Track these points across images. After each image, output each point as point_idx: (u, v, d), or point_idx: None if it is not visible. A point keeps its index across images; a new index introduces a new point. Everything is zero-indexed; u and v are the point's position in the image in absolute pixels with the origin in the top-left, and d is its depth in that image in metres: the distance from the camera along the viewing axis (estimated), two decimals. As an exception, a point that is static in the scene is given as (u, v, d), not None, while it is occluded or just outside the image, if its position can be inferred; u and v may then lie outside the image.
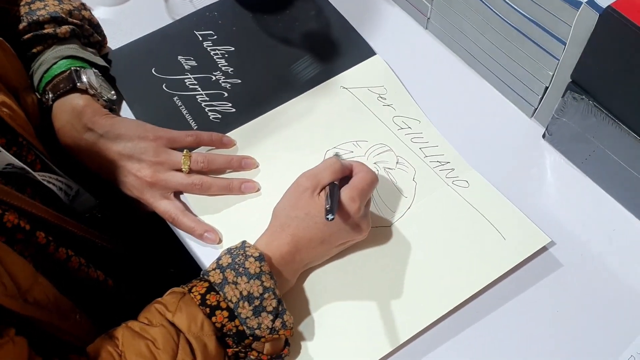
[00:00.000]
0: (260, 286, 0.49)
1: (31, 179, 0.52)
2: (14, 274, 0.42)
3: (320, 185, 0.54)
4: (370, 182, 0.55)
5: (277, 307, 0.50)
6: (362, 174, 0.55)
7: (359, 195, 0.53)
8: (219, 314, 0.49)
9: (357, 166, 0.56)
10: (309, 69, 0.70)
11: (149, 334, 0.47)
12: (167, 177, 0.60)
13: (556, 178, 0.63)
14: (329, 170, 0.54)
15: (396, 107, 0.67)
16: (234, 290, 0.49)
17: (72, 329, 0.48)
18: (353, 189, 0.54)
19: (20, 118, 0.55)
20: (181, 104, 0.67)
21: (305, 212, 0.53)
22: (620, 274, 0.57)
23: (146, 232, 0.69)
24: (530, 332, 0.54)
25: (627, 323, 0.54)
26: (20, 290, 0.42)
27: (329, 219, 0.49)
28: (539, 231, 0.58)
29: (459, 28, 0.68)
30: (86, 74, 0.62)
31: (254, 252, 0.51)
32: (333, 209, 0.50)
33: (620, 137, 0.55)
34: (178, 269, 0.69)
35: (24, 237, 0.47)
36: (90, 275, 0.54)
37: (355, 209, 0.53)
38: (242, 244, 0.52)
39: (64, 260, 0.51)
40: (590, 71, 0.54)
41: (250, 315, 0.49)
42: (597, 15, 0.50)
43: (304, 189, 0.54)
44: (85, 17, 0.67)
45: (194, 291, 0.50)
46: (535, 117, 0.66)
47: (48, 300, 0.45)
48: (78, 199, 0.60)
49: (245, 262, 0.50)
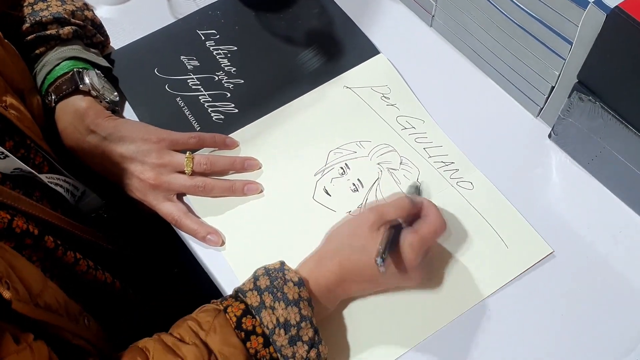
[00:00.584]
0: (298, 314, 0.48)
1: (39, 182, 0.52)
2: (25, 279, 0.42)
3: (383, 220, 0.51)
4: (437, 230, 0.51)
5: (314, 337, 0.48)
6: (429, 219, 0.52)
7: (420, 243, 0.50)
8: (254, 339, 0.47)
9: (427, 207, 0.53)
10: (311, 68, 0.69)
11: (181, 351, 0.46)
12: (170, 179, 0.59)
13: (562, 178, 0.62)
14: (397, 208, 0.52)
15: (400, 107, 0.67)
16: (271, 316, 0.48)
17: (82, 332, 0.48)
18: (415, 234, 0.50)
19: (28, 120, 0.56)
20: (184, 105, 0.67)
21: (361, 244, 0.51)
22: (626, 275, 0.56)
23: (150, 233, 0.69)
24: (536, 334, 0.54)
25: (634, 324, 0.54)
26: (32, 295, 0.42)
27: (377, 263, 0.47)
28: (541, 241, 0.58)
29: (463, 26, 0.67)
30: (89, 75, 0.62)
31: (292, 277, 0.49)
32: (384, 256, 0.48)
33: (627, 138, 0.54)
34: (181, 269, 0.69)
35: (32, 242, 0.47)
36: (98, 278, 0.54)
37: (411, 257, 0.50)
38: (281, 266, 0.51)
39: (72, 264, 0.52)
40: (596, 71, 0.53)
41: (285, 344, 0.47)
42: (604, 15, 0.49)
43: (365, 220, 0.51)
44: (88, 17, 0.67)
45: (230, 312, 0.48)
46: (541, 117, 0.65)
47: (58, 304, 0.46)
48: (84, 200, 0.61)
49: (284, 286, 0.49)
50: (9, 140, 0.52)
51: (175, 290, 0.70)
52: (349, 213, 0.60)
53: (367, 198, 0.61)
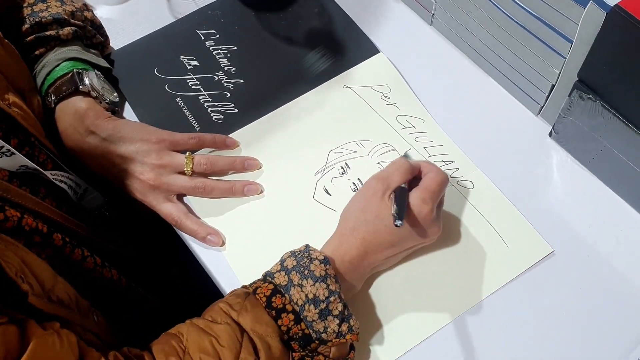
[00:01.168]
0: (326, 289, 0.48)
1: (43, 179, 0.53)
2: (37, 274, 0.43)
3: (390, 187, 0.53)
4: (442, 182, 0.53)
5: (343, 311, 0.49)
6: (432, 174, 0.53)
7: (431, 197, 0.52)
8: (284, 316, 0.48)
9: (425, 166, 0.55)
10: (311, 67, 0.69)
11: (213, 331, 0.47)
12: (170, 180, 0.60)
13: (562, 177, 0.62)
14: (399, 171, 0.53)
15: (400, 106, 0.66)
16: (300, 293, 0.48)
17: (92, 327, 0.49)
18: (424, 190, 0.52)
19: (31, 118, 0.56)
20: (184, 105, 0.67)
21: (375, 215, 0.52)
22: (628, 274, 0.56)
23: (150, 233, 0.69)
24: (537, 333, 0.54)
25: (635, 324, 0.54)
26: (45, 289, 0.43)
27: (397, 225, 0.48)
28: (542, 240, 0.57)
29: (464, 25, 0.67)
30: (88, 76, 0.62)
31: (318, 255, 0.50)
32: (401, 214, 0.49)
33: (628, 137, 0.54)
34: (181, 269, 0.69)
35: (41, 239, 0.48)
36: (104, 275, 0.55)
37: (426, 211, 0.51)
38: (306, 247, 0.52)
39: (80, 261, 0.52)
40: (597, 70, 0.53)
41: (316, 319, 0.48)
42: (604, 13, 0.49)
43: (373, 191, 0.53)
44: (88, 18, 0.67)
45: (259, 292, 0.49)
46: (541, 115, 0.65)
47: (69, 299, 0.46)
48: (86, 197, 0.61)
49: (310, 264, 0.49)
50: (14, 138, 0.52)
51: (175, 290, 0.70)
52: None
53: (367, 198, 0.61)
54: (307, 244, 0.52)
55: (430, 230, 0.53)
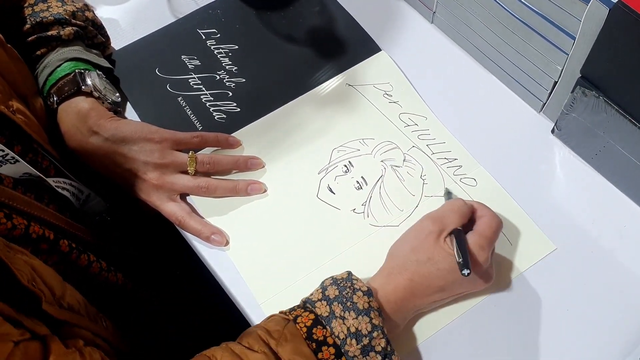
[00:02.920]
0: (369, 323, 0.47)
1: (46, 186, 0.52)
2: (47, 282, 0.43)
3: (446, 229, 0.51)
4: (497, 227, 0.52)
5: (386, 347, 0.47)
6: (486, 219, 0.52)
7: (488, 243, 0.50)
8: (325, 350, 0.46)
9: (480, 208, 0.53)
10: (313, 66, 0.69)
11: (249, 358, 0.45)
12: (173, 179, 0.59)
13: (565, 173, 0.62)
14: (456, 214, 0.52)
15: (402, 104, 0.66)
16: (342, 326, 0.47)
17: (101, 332, 0.48)
18: (481, 236, 0.50)
19: (34, 124, 0.56)
20: (185, 105, 0.67)
21: (427, 257, 0.50)
22: (632, 270, 0.56)
23: (154, 234, 0.69)
24: (541, 330, 0.54)
25: (639, 319, 0.54)
26: (55, 296, 0.43)
27: (465, 274, 0.47)
28: (545, 237, 0.58)
29: (465, 22, 0.67)
30: (90, 76, 0.62)
31: (362, 286, 0.49)
32: (467, 262, 0.47)
33: (630, 132, 0.54)
34: (185, 270, 0.69)
35: (48, 246, 0.47)
36: (110, 280, 0.55)
37: (484, 258, 0.50)
38: (349, 276, 0.50)
39: (86, 266, 0.52)
40: (600, 66, 0.53)
41: (358, 354, 0.46)
42: (607, 9, 0.49)
43: (428, 232, 0.51)
44: (89, 18, 0.66)
45: (300, 322, 0.47)
46: (543, 112, 0.65)
47: (79, 304, 0.46)
48: (89, 203, 0.61)
49: (353, 295, 0.48)
50: (17, 144, 0.52)
51: (180, 290, 0.70)
52: (353, 211, 0.60)
53: (371, 195, 0.61)
54: (349, 270, 0.51)
55: (482, 279, 0.51)
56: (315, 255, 0.58)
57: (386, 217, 0.59)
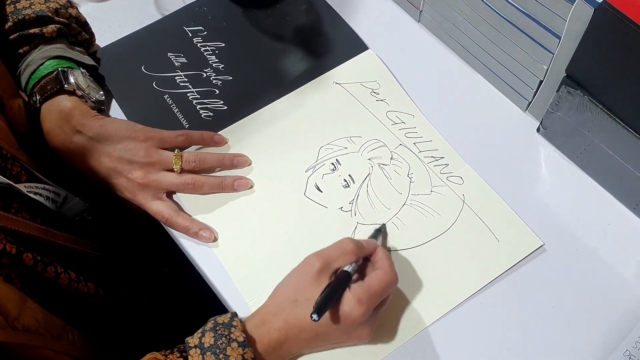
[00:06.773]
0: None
1: (17, 192, 0.51)
2: (1, 303, 0.41)
3: (329, 268, 0.48)
4: (387, 284, 0.48)
5: None
6: (379, 273, 0.48)
7: (368, 298, 0.47)
8: None
9: (379, 257, 0.50)
10: (300, 64, 0.69)
11: None
12: (159, 177, 0.59)
13: (550, 172, 0.63)
14: (341, 253, 0.49)
15: (389, 102, 0.66)
16: None
17: (64, 348, 0.47)
18: (364, 290, 0.47)
19: (2, 130, 0.54)
20: (172, 102, 0.66)
21: (305, 298, 0.47)
22: (616, 267, 0.57)
23: (138, 233, 0.68)
24: (526, 327, 0.54)
25: (623, 317, 0.54)
26: (9, 319, 0.41)
27: (313, 318, 0.44)
28: (531, 234, 0.58)
29: (452, 21, 0.67)
30: (74, 74, 0.61)
31: (238, 337, 0.46)
32: (323, 307, 0.44)
33: (615, 132, 0.55)
34: (172, 268, 0.69)
35: (10, 260, 0.46)
36: (80, 290, 0.53)
37: (357, 314, 0.46)
38: (230, 320, 0.48)
39: (53, 278, 0.51)
40: (585, 65, 0.54)
41: None
42: (592, 9, 0.49)
43: (310, 269, 0.48)
44: (72, 15, 0.66)
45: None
46: (529, 111, 0.66)
47: (38, 324, 0.44)
48: (67, 205, 0.59)
49: (227, 347, 0.46)
50: None
51: (167, 289, 0.69)
52: (341, 209, 0.60)
53: (358, 193, 0.61)
54: (234, 312, 0.49)
55: (356, 333, 0.48)
56: (302, 254, 0.57)
57: (373, 215, 0.60)
